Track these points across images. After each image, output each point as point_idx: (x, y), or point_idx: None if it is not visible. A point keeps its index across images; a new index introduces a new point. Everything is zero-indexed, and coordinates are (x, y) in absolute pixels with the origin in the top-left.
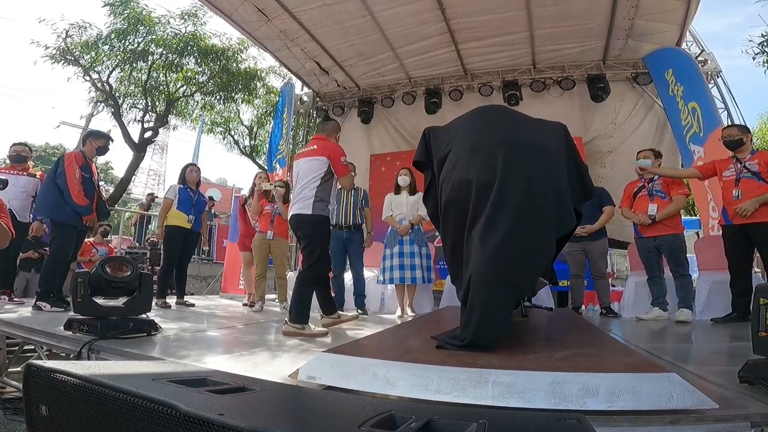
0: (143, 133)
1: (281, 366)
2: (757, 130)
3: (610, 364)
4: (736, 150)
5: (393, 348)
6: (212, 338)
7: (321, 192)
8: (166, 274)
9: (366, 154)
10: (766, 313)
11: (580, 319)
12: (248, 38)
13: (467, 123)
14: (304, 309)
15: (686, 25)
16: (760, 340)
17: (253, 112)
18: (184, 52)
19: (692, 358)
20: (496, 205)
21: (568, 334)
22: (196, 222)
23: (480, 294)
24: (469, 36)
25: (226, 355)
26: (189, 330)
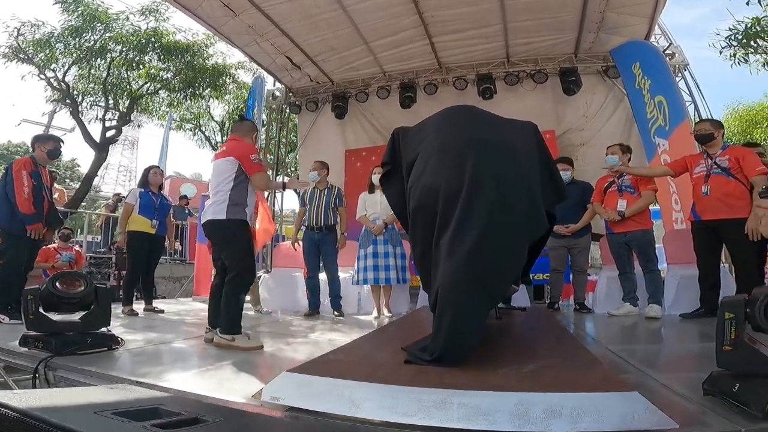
0: (104, 132)
1: (248, 383)
2: (723, 120)
3: (576, 380)
4: (706, 145)
5: (361, 364)
6: (177, 351)
7: (235, 195)
8: (132, 281)
9: (341, 149)
10: (731, 327)
11: (552, 322)
12: (215, 34)
13: (436, 125)
14: (234, 319)
15: (655, 18)
16: (723, 354)
17: (225, 108)
18: (146, 48)
19: (660, 363)
20: (465, 213)
21: (539, 343)
22: (161, 226)
23: (449, 304)
24: (443, 29)
25: (190, 371)
26: (154, 342)
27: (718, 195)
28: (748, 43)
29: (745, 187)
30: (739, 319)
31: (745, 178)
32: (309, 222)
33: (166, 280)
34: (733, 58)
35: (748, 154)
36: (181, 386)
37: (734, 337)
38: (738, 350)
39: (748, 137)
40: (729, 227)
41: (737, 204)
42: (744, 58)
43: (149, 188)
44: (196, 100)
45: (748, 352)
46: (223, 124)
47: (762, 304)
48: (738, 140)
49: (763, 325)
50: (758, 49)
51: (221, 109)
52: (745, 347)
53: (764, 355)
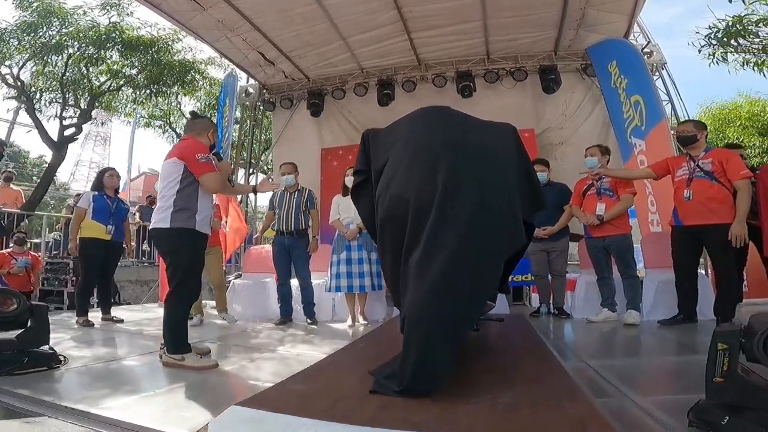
0: (62, 131)
1: (198, 412)
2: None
3: (552, 417)
4: (688, 147)
5: (322, 394)
6: (126, 371)
7: (182, 200)
8: (85, 290)
9: (317, 148)
10: (723, 358)
11: (530, 336)
12: (182, 29)
13: (407, 127)
14: (179, 337)
15: (635, 15)
16: (714, 386)
17: (196, 105)
18: (106, 44)
19: (640, 382)
20: (436, 227)
21: (516, 363)
22: (117, 232)
23: (417, 332)
24: (422, 25)
25: (135, 395)
26: (103, 359)
27: (701, 199)
28: (728, 42)
29: (728, 191)
30: (733, 350)
31: (729, 182)
32: (279, 226)
33: (133, 284)
34: (711, 57)
35: (732, 157)
36: (120, 414)
37: (727, 369)
38: (730, 382)
39: (721, 136)
40: (712, 233)
41: (720, 209)
42: (723, 57)
43: (104, 191)
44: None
45: (741, 385)
46: None
47: (762, 337)
48: (712, 139)
49: (762, 360)
50: (738, 48)
51: (192, 105)
52: (739, 379)
53: (758, 388)
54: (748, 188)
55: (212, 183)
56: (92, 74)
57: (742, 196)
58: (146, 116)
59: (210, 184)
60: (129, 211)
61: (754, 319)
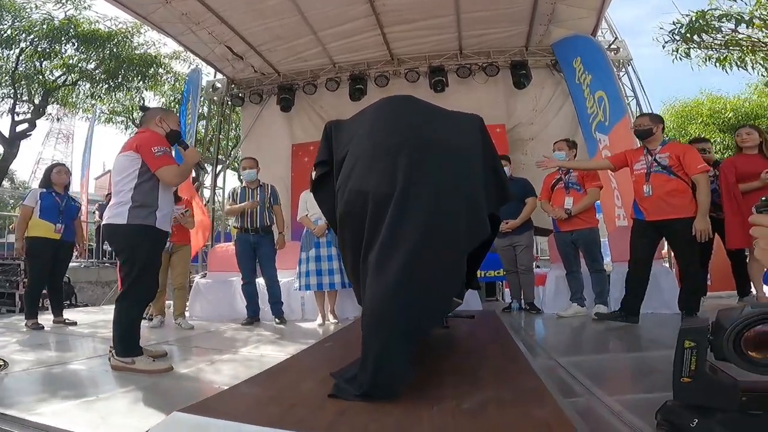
0: (14, 127)
1: (140, 418)
2: None
3: (517, 421)
4: (645, 140)
5: (278, 399)
6: (69, 374)
7: (141, 195)
8: (34, 292)
9: (287, 143)
10: (691, 356)
11: (500, 333)
12: (143, 23)
13: (370, 118)
14: (128, 339)
15: (602, 11)
16: (682, 386)
17: (161, 100)
18: (59, 38)
19: (608, 380)
20: (395, 224)
21: (484, 362)
22: (67, 231)
23: (375, 337)
24: (395, 19)
25: (74, 401)
26: (46, 363)
27: (661, 194)
28: (691, 37)
29: (687, 184)
30: (700, 348)
31: (687, 175)
32: (243, 224)
33: (93, 285)
34: (675, 52)
35: (688, 151)
36: (54, 421)
37: (694, 368)
38: (698, 382)
39: (683, 132)
40: (674, 227)
41: (680, 203)
42: (686, 53)
43: (53, 189)
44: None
45: (709, 385)
46: None
47: (731, 334)
48: (674, 135)
49: (730, 357)
50: (701, 44)
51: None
52: (707, 378)
53: (728, 388)
54: (707, 182)
55: (171, 177)
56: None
57: (701, 189)
58: (107, 112)
59: (168, 178)
60: (80, 209)
61: (721, 314)
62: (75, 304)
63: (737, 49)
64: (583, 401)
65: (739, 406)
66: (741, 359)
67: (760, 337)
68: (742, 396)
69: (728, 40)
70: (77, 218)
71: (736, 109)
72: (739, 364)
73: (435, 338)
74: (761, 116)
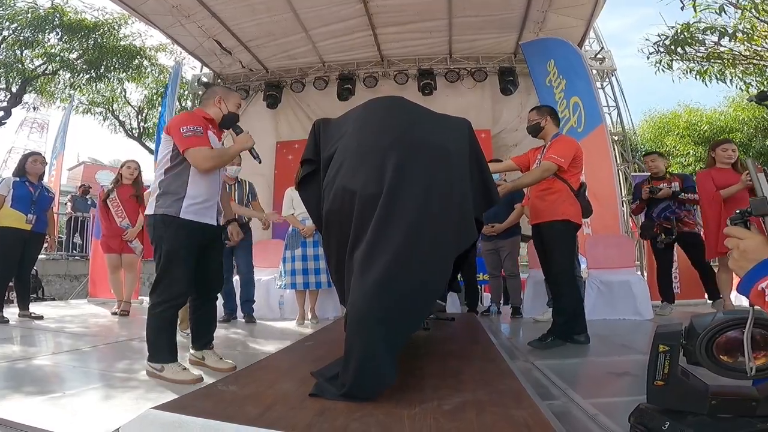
0: None
1: (110, 415)
2: (638, 128)
3: (498, 422)
4: (538, 136)
5: (257, 397)
6: (34, 370)
7: (168, 183)
8: (1, 284)
9: (272, 140)
10: (665, 360)
11: (480, 336)
12: (132, 14)
13: (359, 117)
14: (155, 344)
15: (592, 21)
16: (655, 390)
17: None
18: (44, 27)
19: (584, 384)
20: (381, 224)
21: (464, 364)
22: (39, 222)
23: (358, 336)
24: (387, 20)
25: (40, 396)
26: (11, 357)
27: (533, 196)
28: (675, 49)
29: (564, 184)
30: (674, 352)
31: (572, 175)
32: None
33: (62, 279)
34: (658, 64)
35: (557, 142)
36: (17, 416)
37: (667, 372)
38: (670, 385)
39: (660, 144)
40: (544, 231)
41: (547, 206)
42: (668, 65)
43: (27, 178)
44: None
45: (681, 388)
46: (141, 109)
47: (703, 339)
48: (651, 146)
49: (703, 362)
50: (684, 56)
51: (139, 93)
52: (679, 382)
53: (698, 392)
54: (546, 168)
55: (199, 159)
56: (26, 58)
57: (534, 172)
58: (86, 102)
59: (197, 161)
60: (53, 200)
61: (694, 320)
62: (42, 298)
63: (718, 62)
64: (559, 404)
65: (708, 410)
66: (713, 363)
67: (730, 343)
68: (711, 400)
69: (710, 53)
70: (50, 209)
71: (712, 122)
72: (711, 368)
73: (416, 339)
74: (736, 129)
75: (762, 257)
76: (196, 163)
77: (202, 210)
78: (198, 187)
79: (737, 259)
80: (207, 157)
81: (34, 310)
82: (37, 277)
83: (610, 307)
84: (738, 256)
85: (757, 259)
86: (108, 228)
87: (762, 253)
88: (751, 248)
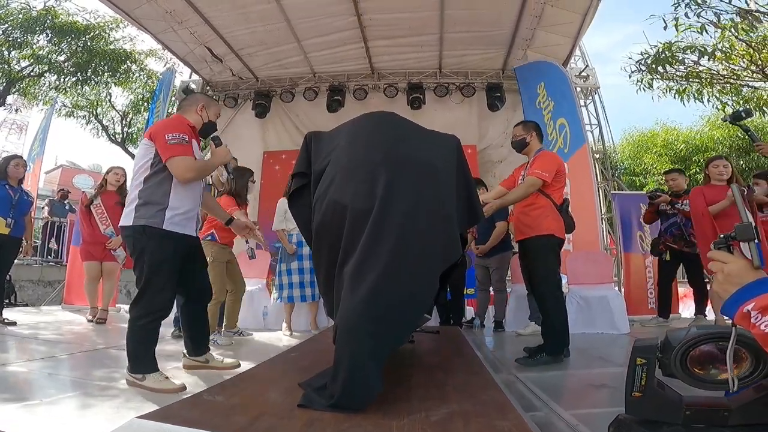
0: None
1: (91, 425)
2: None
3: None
4: (522, 152)
5: (244, 407)
6: (8, 376)
7: (150, 192)
8: None
9: (258, 150)
10: (642, 372)
11: (464, 349)
12: (124, 18)
13: (351, 132)
14: (136, 354)
15: (578, 38)
16: (633, 401)
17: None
18: (34, 28)
19: (565, 395)
20: (371, 239)
21: (449, 376)
22: (17, 226)
23: (348, 346)
24: (380, 34)
25: (16, 403)
26: None
27: (517, 212)
28: (656, 68)
29: (547, 200)
30: (650, 365)
31: (555, 190)
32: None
33: (35, 284)
34: (639, 83)
35: (539, 158)
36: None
37: (644, 383)
38: (647, 397)
39: (638, 162)
40: (525, 246)
41: (531, 222)
42: (649, 83)
43: (7, 181)
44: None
45: (657, 399)
46: (125, 114)
47: (678, 352)
48: (630, 164)
49: (677, 374)
50: (664, 75)
51: (125, 97)
52: (655, 393)
53: (673, 403)
54: (531, 183)
55: (181, 170)
56: (13, 59)
57: (519, 188)
58: (69, 105)
59: (178, 171)
60: (32, 205)
61: (670, 334)
62: (14, 303)
63: (697, 81)
64: (542, 415)
65: (683, 420)
66: (687, 375)
67: (704, 356)
68: (686, 410)
69: (689, 72)
70: (28, 213)
71: (688, 141)
72: (685, 380)
73: (402, 352)
74: (711, 148)
75: (746, 281)
76: (178, 173)
77: (184, 221)
78: (180, 198)
79: (722, 282)
80: (189, 168)
81: (7, 316)
82: (11, 282)
83: (589, 321)
84: (722, 279)
85: (741, 283)
86: (90, 235)
87: (745, 277)
88: (734, 272)
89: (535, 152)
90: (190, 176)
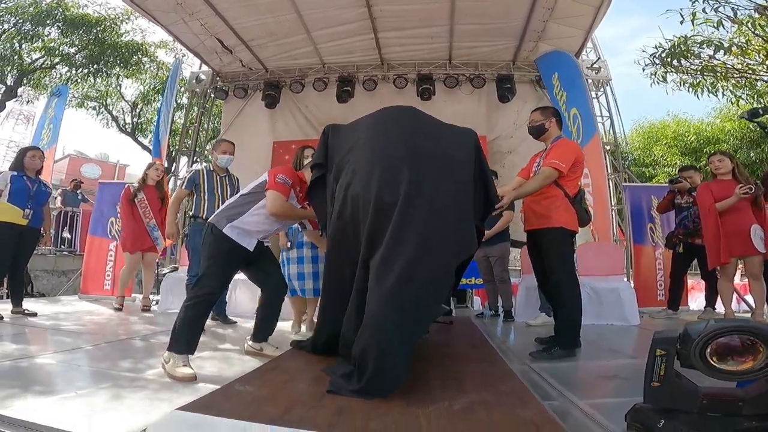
0: None
1: (128, 416)
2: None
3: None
4: (540, 138)
5: (274, 397)
6: (39, 369)
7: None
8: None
9: (268, 140)
10: (661, 363)
11: (478, 339)
12: (135, 9)
13: (372, 126)
14: (180, 334)
15: (591, 31)
16: (652, 390)
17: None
18: (45, 21)
19: (580, 385)
20: (397, 233)
21: (467, 367)
22: (35, 217)
23: (376, 336)
24: (390, 25)
25: (52, 396)
26: (11, 356)
27: (528, 200)
28: (671, 62)
29: (558, 189)
30: (669, 356)
31: (569, 180)
32: (203, 212)
33: (50, 274)
34: (653, 76)
35: (556, 147)
36: (33, 417)
37: (663, 374)
38: (665, 386)
39: (648, 153)
40: (538, 238)
41: (543, 211)
42: (663, 77)
43: (24, 172)
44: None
45: (675, 389)
46: (135, 105)
47: (698, 345)
48: (639, 155)
49: (697, 365)
50: (679, 69)
51: (135, 88)
52: (673, 383)
53: (690, 392)
54: (548, 175)
55: (270, 201)
56: (24, 51)
57: (536, 178)
58: (79, 96)
59: (269, 203)
60: (50, 195)
61: (689, 327)
62: (31, 294)
63: (711, 75)
64: (558, 404)
65: (699, 409)
66: (706, 367)
67: (722, 348)
68: (702, 400)
69: (704, 66)
70: (46, 204)
71: (699, 133)
72: (704, 371)
73: (418, 343)
74: (722, 141)
75: None
76: (269, 203)
77: (242, 235)
78: (254, 218)
79: None
80: (280, 205)
81: (27, 307)
82: (27, 272)
83: (599, 312)
84: None
85: None
86: (135, 228)
87: None
88: None
89: (553, 140)
90: (275, 211)
